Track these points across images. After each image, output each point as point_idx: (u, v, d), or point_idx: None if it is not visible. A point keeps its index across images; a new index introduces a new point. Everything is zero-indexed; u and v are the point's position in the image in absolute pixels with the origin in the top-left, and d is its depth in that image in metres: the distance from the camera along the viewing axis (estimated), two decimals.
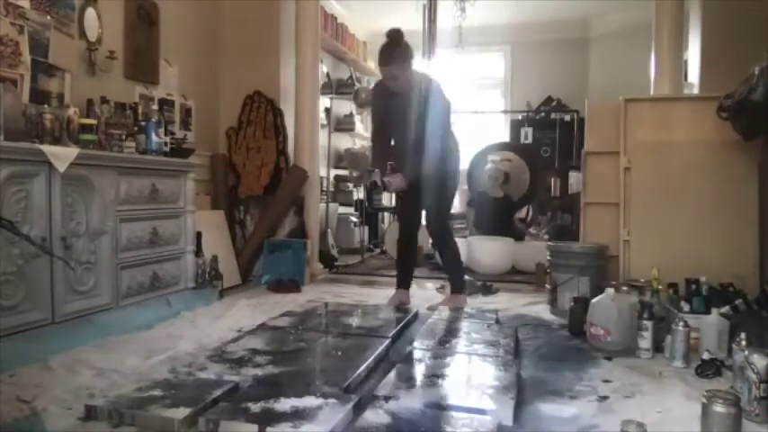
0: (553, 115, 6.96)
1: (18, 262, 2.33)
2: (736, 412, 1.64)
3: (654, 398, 2.00)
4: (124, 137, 3.08)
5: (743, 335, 2.02)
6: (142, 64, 3.74)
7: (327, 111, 5.87)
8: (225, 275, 3.85)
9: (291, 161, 4.54)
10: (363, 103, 6.13)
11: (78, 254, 2.66)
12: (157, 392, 1.89)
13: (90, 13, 3.26)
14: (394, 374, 2.12)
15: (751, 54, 2.95)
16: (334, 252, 5.20)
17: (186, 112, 4.24)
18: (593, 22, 7.15)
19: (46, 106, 2.77)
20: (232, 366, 2.17)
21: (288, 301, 3.61)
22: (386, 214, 6.82)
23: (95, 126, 2.96)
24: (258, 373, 2.10)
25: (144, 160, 3.14)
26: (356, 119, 6.71)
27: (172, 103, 4.05)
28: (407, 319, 3.02)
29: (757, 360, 1.83)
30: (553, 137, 6.83)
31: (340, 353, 2.40)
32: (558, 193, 6.19)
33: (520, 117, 7.11)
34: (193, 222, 3.52)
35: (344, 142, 6.87)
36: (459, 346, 2.55)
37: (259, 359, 2.26)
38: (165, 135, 3.50)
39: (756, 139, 3.22)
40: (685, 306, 2.83)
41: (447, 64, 6.75)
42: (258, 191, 4.49)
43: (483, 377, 2.12)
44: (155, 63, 3.87)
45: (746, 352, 1.88)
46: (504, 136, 7.13)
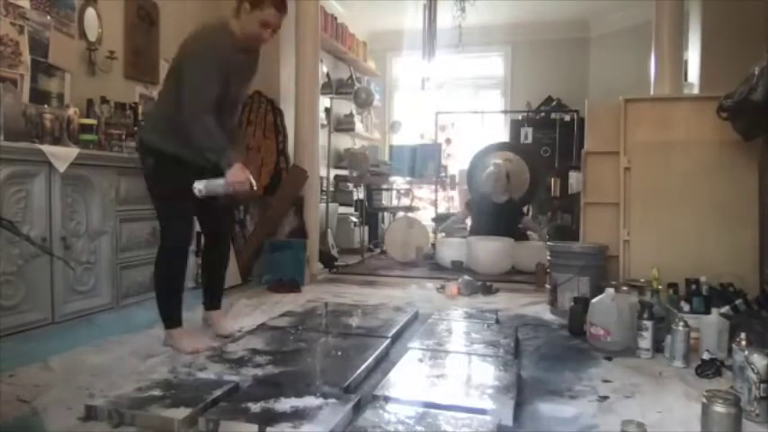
0: (553, 115, 6.96)
1: (18, 262, 2.33)
2: (736, 412, 1.64)
3: (654, 398, 2.00)
4: (124, 137, 3.08)
5: (743, 335, 2.02)
6: (142, 64, 3.74)
7: (327, 111, 5.87)
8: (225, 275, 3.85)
9: (291, 161, 4.54)
10: (363, 103, 6.14)
11: (78, 254, 2.67)
12: (157, 392, 1.89)
13: (90, 13, 3.27)
14: (394, 374, 2.12)
15: (751, 54, 2.95)
16: (334, 252, 5.20)
17: None
18: (593, 22, 7.16)
19: (46, 106, 2.78)
20: (232, 366, 2.17)
21: (288, 301, 3.61)
22: (386, 214, 6.83)
23: (95, 126, 2.97)
24: (258, 373, 2.10)
25: None
26: (356, 119, 6.71)
27: None
28: (407, 319, 3.03)
29: (757, 360, 1.83)
30: (553, 137, 6.84)
31: (340, 353, 2.40)
32: (558, 193, 6.19)
33: (520, 117, 7.12)
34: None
35: (344, 142, 6.87)
36: (459, 346, 2.55)
37: (259, 359, 2.26)
38: None
39: (756, 139, 3.22)
40: (685, 306, 2.83)
41: (447, 64, 6.76)
42: (258, 191, 4.48)
43: (483, 377, 2.12)
44: (155, 63, 3.87)
45: (746, 352, 1.88)
46: (504, 136, 7.14)
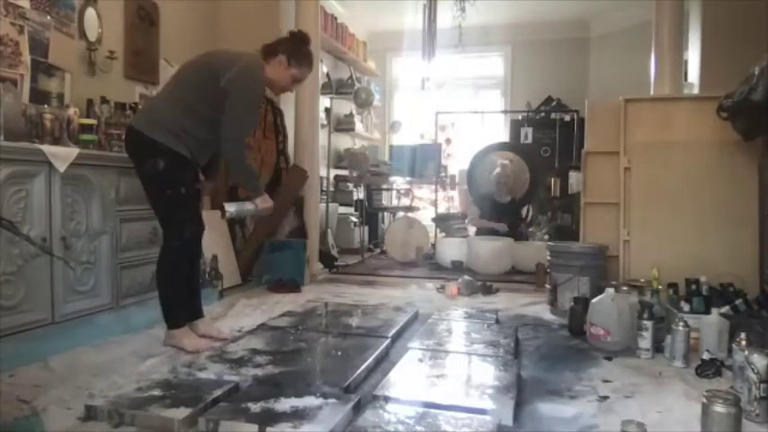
0: (553, 115, 6.96)
1: (18, 262, 2.33)
2: (736, 412, 1.64)
3: (654, 398, 2.00)
4: (124, 137, 3.08)
5: (743, 335, 2.02)
6: (142, 64, 3.74)
7: (327, 111, 5.87)
8: (225, 275, 3.85)
9: (291, 161, 4.54)
10: (363, 103, 6.14)
11: (78, 254, 2.66)
12: (157, 392, 1.89)
13: (90, 13, 3.27)
14: (394, 374, 2.12)
15: (751, 54, 2.95)
16: (335, 252, 5.20)
17: None
18: (593, 22, 7.16)
19: (46, 106, 2.78)
20: (232, 366, 2.17)
21: (288, 301, 3.61)
22: (386, 214, 6.83)
23: (95, 126, 2.96)
24: (258, 373, 2.10)
25: None
26: (356, 119, 6.71)
27: None
28: (407, 319, 3.03)
29: (757, 360, 1.83)
30: (553, 137, 6.84)
31: (340, 353, 2.40)
32: (558, 193, 6.18)
33: (520, 117, 7.12)
34: None
35: (344, 142, 6.87)
36: (459, 346, 2.55)
37: (259, 359, 2.26)
38: None
39: (756, 139, 3.22)
40: (685, 306, 2.83)
41: (447, 64, 6.76)
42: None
43: (483, 377, 2.12)
44: (155, 63, 3.87)
45: (746, 352, 1.88)
46: (504, 136, 7.13)
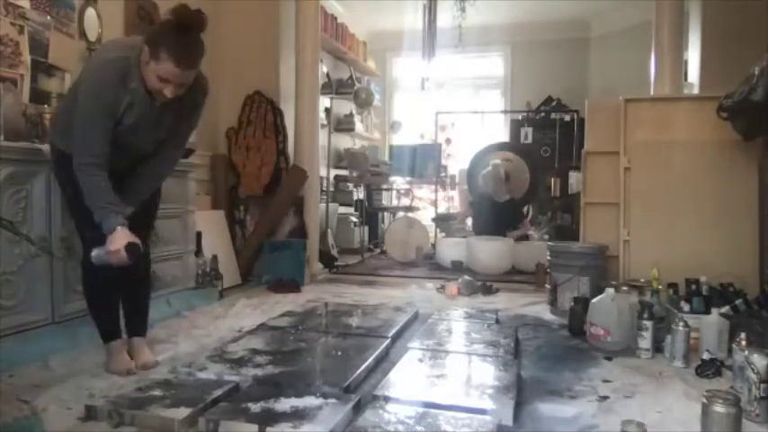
0: (553, 115, 6.96)
1: (18, 262, 2.33)
2: (736, 412, 1.64)
3: (654, 398, 2.00)
4: None
5: (743, 335, 2.02)
6: None
7: (327, 111, 5.87)
8: (225, 275, 3.85)
9: (291, 161, 4.54)
10: (363, 103, 6.14)
11: (78, 254, 2.66)
12: (157, 392, 1.89)
13: (90, 13, 3.26)
14: (394, 374, 2.12)
15: (751, 54, 2.95)
16: (335, 252, 5.20)
17: None
18: (593, 22, 7.16)
19: (46, 106, 2.77)
20: (232, 366, 2.17)
21: (288, 301, 3.61)
22: (386, 214, 6.83)
23: None
24: (258, 373, 2.10)
25: None
26: (356, 119, 6.71)
27: None
28: (407, 319, 3.03)
29: (757, 360, 1.83)
30: (553, 137, 6.84)
31: (340, 353, 2.40)
32: (558, 193, 6.19)
33: (520, 117, 7.12)
34: (193, 222, 3.52)
35: (344, 142, 6.87)
36: (459, 346, 2.55)
37: (259, 359, 2.26)
38: None
39: (756, 139, 3.22)
40: (685, 306, 2.83)
41: (447, 64, 6.76)
42: (258, 191, 4.49)
43: (483, 377, 2.12)
44: None
45: (746, 352, 1.88)
46: (504, 136, 7.14)
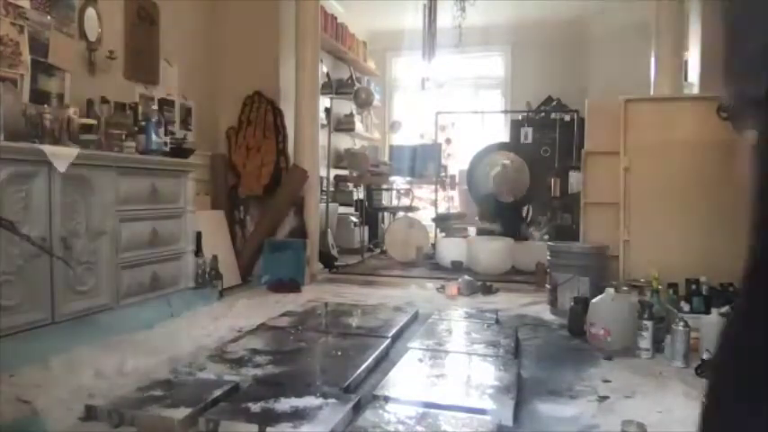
0: (553, 115, 6.96)
1: (18, 262, 2.33)
2: None
3: (654, 398, 2.00)
4: (124, 137, 3.08)
5: None
6: (142, 64, 3.74)
7: (327, 111, 5.87)
8: (225, 275, 3.85)
9: (291, 161, 4.54)
10: (363, 103, 6.14)
11: (78, 254, 2.66)
12: (157, 392, 1.89)
13: (90, 13, 3.26)
14: (394, 374, 2.12)
15: None
16: (335, 252, 5.20)
17: (186, 112, 4.24)
18: (593, 22, 7.15)
19: (46, 106, 2.77)
20: (232, 366, 2.17)
21: (288, 301, 3.61)
22: (386, 214, 6.82)
23: (95, 126, 2.96)
24: (258, 373, 2.10)
25: (144, 160, 3.14)
26: (356, 119, 6.71)
27: (172, 103, 4.05)
28: (407, 319, 3.02)
29: None
30: (553, 137, 6.83)
31: (340, 353, 2.40)
32: (558, 193, 6.18)
33: (520, 117, 7.11)
34: (193, 222, 3.52)
35: (344, 142, 6.87)
36: (459, 346, 2.55)
37: (259, 359, 2.26)
38: (165, 135, 3.50)
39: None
40: (685, 306, 2.83)
41: (447, 64, 6.76)
42: (258, 191, 4.49)
43: (483, 377, 2.12)
44: (155, 63, 3.87)
45: None
46: (504, 136, 7.13)
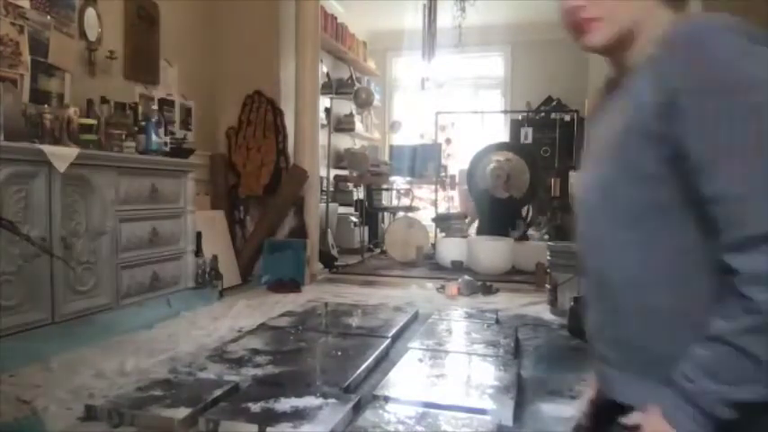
0: (553, 115, 6.95)
1: (18, 262, 2.33)
2: None
3: None
4: (124, 137, 3.08)
5: None
6: (142, 64, 3.74)
7: (327, 111, 5.87)
8: (225, 275, 3.85)
9: (291, 161, 4.54)
10: (363, 103, 6.13)
11: (78, 254, 2.66)
12: (157, 392, 1.89)
13: (90, 13, 3.26)
14: (394, 374, 2.12)
15: None
16: (335, 252, 5.20)
17: (186, 112, 4.24)
18: None
19: (46, 106, 2.77)
20: (232, 366, 2.17)
21: (288, 301, 3.61)
22: (386, 214, 6.82)
23: (95, 126, 2.96)
24: (258, 373, 2.10)
25: (144, 160, 3.14)
26: (356, 119, 6.71)
27: (172, 103, 4.05)
28: (407, 319, 3.02)
29: None
30: (553, 137, 6.83)
31: (340, 353, 2.40)
32: (558, 193, 6.19)
33: (520, 117, 7.11)
34: (193, 222, 3.52)
35: (344, 142, 6.87)
36: (459, 346, 2.55)
37: (259, 359, 2.26)
38: (165, 135, 3.50)
39: None
40: None
41: (447, 64, 6.76)
42: (258, 191, 4.49)
43: (483, 377, 2.12)
44: (155, 63, 3.87)
45: None
46: (504, 136, 7.13)
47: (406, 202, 6.66)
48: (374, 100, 6.53)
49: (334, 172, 6.04)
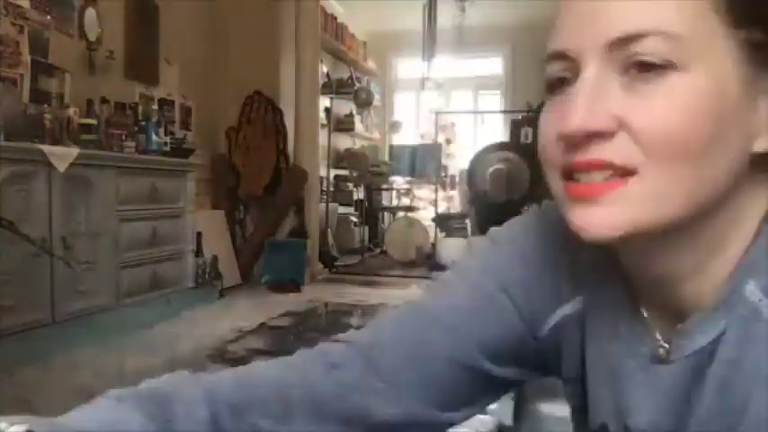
0: None
1: (18, 262, 2.33)
2: None
3: None
4: (124, 137, 3.08)
5: None
6: (142, 64, 3.74)
7: (327, 111, 5.87)
8: (225, 275, 3.85)
9: (291, 161, 4.54)
10: (363, 103, 6.14)
11: (78, 254, 2.66)
12: None
13: (90, 13, 3.26)
14: None
15: None
16: (335, 252, 5.20)
17: (186, 112, 4.24)
18: None
19: (46, 106, 2.77)
20: (232, 366, 2.17)
21: (288, 301, 3.61)
22: (386, 214, 6.83)
23: (95, 126, 2.96)
24: None
25: (144, 160, 3.14)
26: (356, 119, 6.71)
27: (172, 103, 4.05)
28: None
29: None
30: None
31: None
32: None
33: (520, 117, 7.11)
34: (193, 222, 3.52)
35: (344, 142, 6.87)
36: None
37: (259, 359, 2.26)
38: (165, 135, 3.50)
39: None
40: None
41: (447, 64, 6.76)
42: (258, 191, 4.48)
43: None
44: (155, 63, 3.87)
45: None
46: (504, 136, 7.13)
47: (406, 202, 6.66)
48: (374, 100, 6.53)
49: (334, 172, 6.04)
